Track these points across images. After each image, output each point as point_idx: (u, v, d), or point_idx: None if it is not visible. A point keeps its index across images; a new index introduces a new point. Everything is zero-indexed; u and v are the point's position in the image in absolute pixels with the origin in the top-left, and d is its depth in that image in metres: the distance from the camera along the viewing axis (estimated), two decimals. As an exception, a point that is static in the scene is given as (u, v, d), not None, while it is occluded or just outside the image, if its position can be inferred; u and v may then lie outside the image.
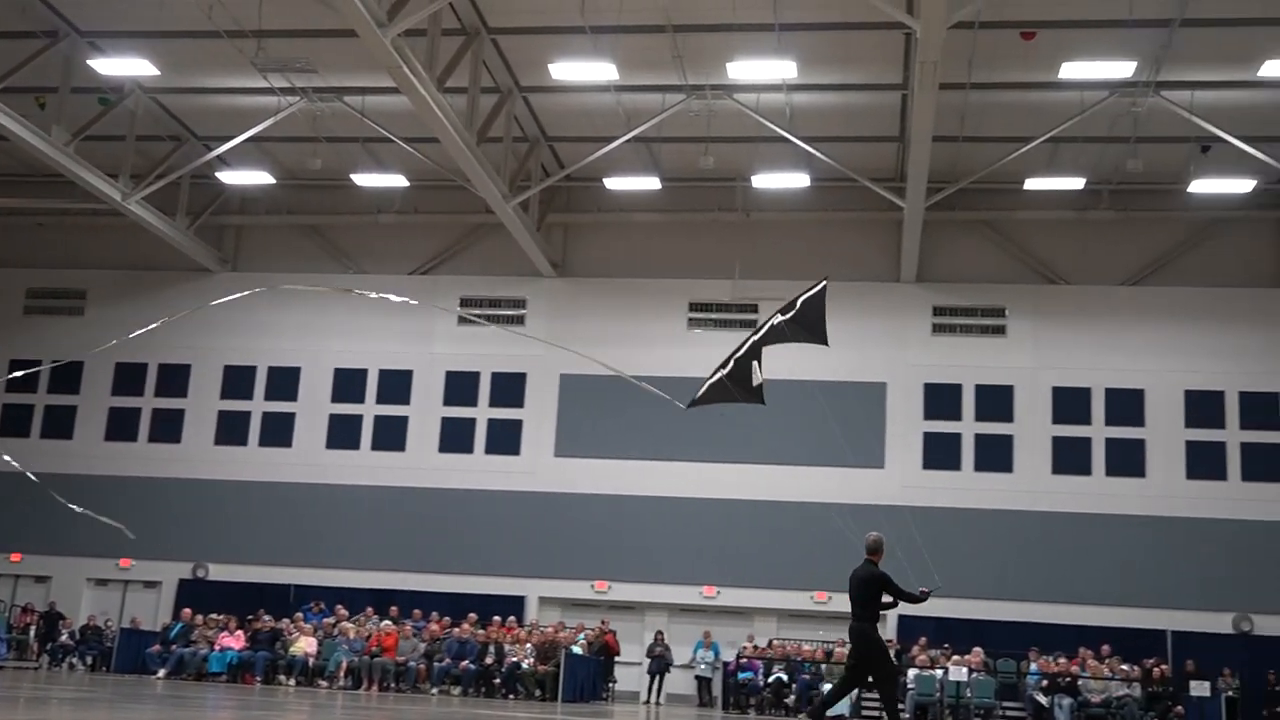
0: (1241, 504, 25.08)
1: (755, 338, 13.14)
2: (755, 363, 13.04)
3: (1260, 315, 25.99)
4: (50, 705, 9.26)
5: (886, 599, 12.62)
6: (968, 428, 26.43)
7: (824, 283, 13.40)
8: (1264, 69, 21.23)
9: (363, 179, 26.86)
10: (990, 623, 24.83)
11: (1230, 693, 22.15)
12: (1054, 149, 24.71)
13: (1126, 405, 26.08)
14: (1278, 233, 26.52)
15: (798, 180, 25.67)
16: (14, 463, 19.01)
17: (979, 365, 26.64)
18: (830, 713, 22.01)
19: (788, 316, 13.16)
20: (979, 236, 27.13)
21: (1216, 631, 24.56)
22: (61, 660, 25.06)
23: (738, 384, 13.00)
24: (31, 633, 25.27)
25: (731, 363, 12.99)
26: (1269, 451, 25.46)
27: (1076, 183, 25.22)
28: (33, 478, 18.14)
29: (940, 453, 26.28)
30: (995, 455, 26.18)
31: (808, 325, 13.30)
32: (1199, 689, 21.84)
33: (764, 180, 25.74)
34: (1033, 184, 25.32)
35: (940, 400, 26.59)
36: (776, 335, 13.18)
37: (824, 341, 13.45)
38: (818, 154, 23.96)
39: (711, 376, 13.08)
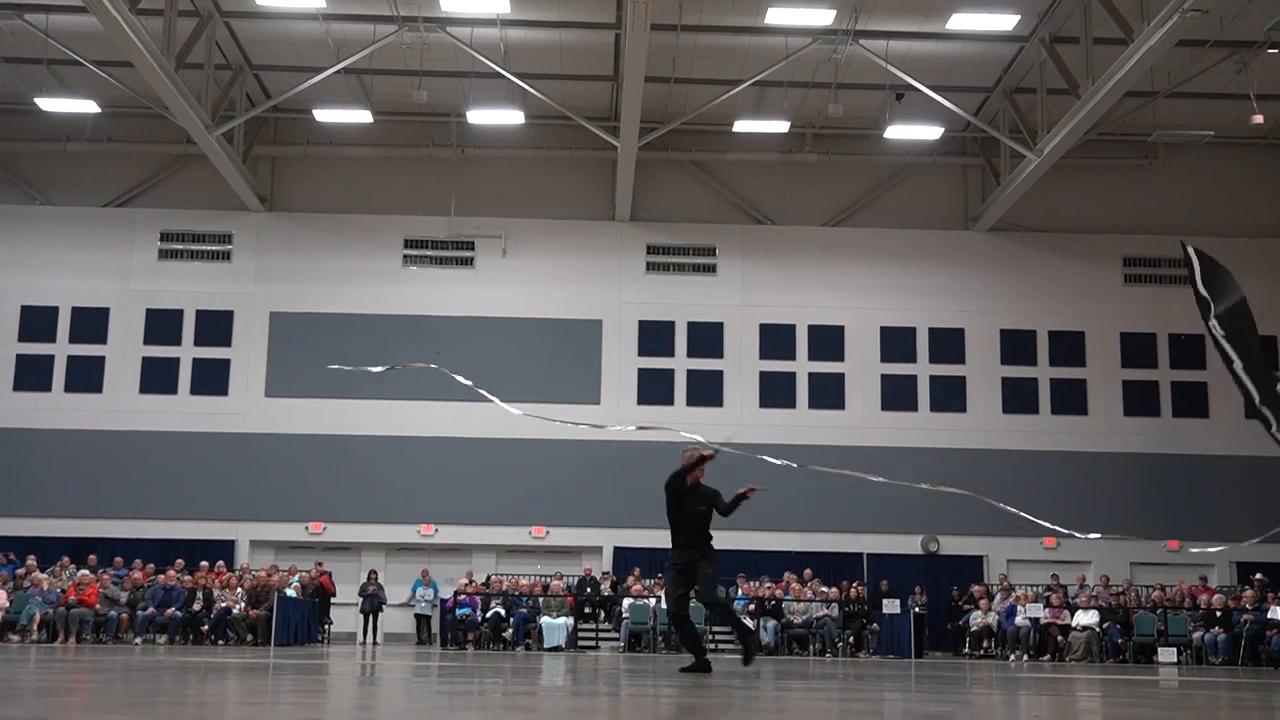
0: (930, 433, 26.79)
1: (1234, 355, 11.32)
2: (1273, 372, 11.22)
3: (947, 256, 27.68)
4: None
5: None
6: (680, 364, 27.16)
7: (1186, 249, 11.50)
8: (952, 22, 22.45)
9: (49, 103, 25.10)
10: (700, 551, 25.72)
11: (918, 609, 23.77)
12: (761, 93, 25.48)
13: (828, 341, 27.36)
14: (962, 178, 28.26)
15: (513, 117, 25.58)
16: None
17: (691, 303, 27.37)
18: (548, 643, 22.55)
19: (1216, 311, 11.35)
20: (690, 177, 27.77)
21: (907, 553, 26.29)
22: None
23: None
24: None
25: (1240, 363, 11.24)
26: (953, 384, 27.27)
27: (781, 126, 26.13)
28: None
29: (654, 388, 26.93)
30: (706, 390, 27.03)
31: (1229, 303, 11.33)
32: (891, 606, 23.36)
33: (479, 116, 25.53)
34: (741, 126, 26.09)
35: (654, 337, 27.21)
36: (1237, 337, 11.23)
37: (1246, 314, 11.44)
38: (533, 91, 23.92)
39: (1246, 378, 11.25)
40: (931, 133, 26.16)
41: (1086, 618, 22.83)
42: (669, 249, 27.62)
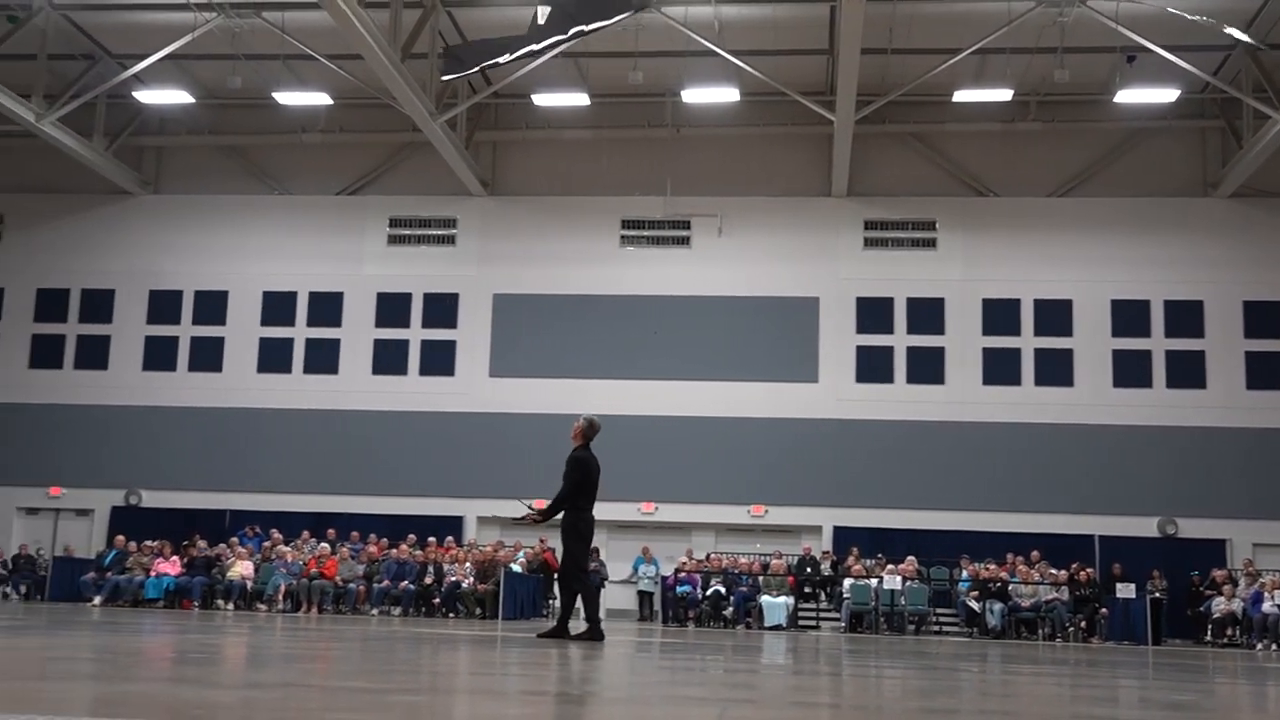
0: (1167, 410, 25.63)
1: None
2: None
3: (1184, 224, 26.37)
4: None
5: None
6: (900, 340, 26.69)
7: None
8: (1189, -23, 21.33)
9: (285, 97, 26.31)
10: (923, 532, 25.32)
11: (1157, 594, 22.76)
12: (982, 60, 24.74)
13: (1055, 315, 26.44)
14: (1200, 142, 26.85)
15: (727, 95, 25.52)
16: None
17: (910, 278, 26.85)
18: (768, 622, 22.50)
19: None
20: (909, 149, 27.20)
21: (1142, 535, 25.21)
22: (-6, 591, 24.81)
23: None
24: (-38, 564, 24.98)
25: None
26: (1192, 359, 25.99)
27: (1004, 94, 25.31)
28: None
29: (873, 366, 26.55)
30: (927, 367, 26.49)
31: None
32: (1125, 591, 22.45)
33: (693, 95, 25.55)
34: (961, 96, 25.39)
35: (872, 313, 26.80)
36: None
37: None
38: (747, 68, 23.80)
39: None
40: (1166, 95, 24.92)
41: (1342, 606, 21.45)
42: (887, 223, 27.13)
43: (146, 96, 26.81)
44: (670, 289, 27.13)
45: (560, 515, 12.28)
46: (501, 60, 15.14)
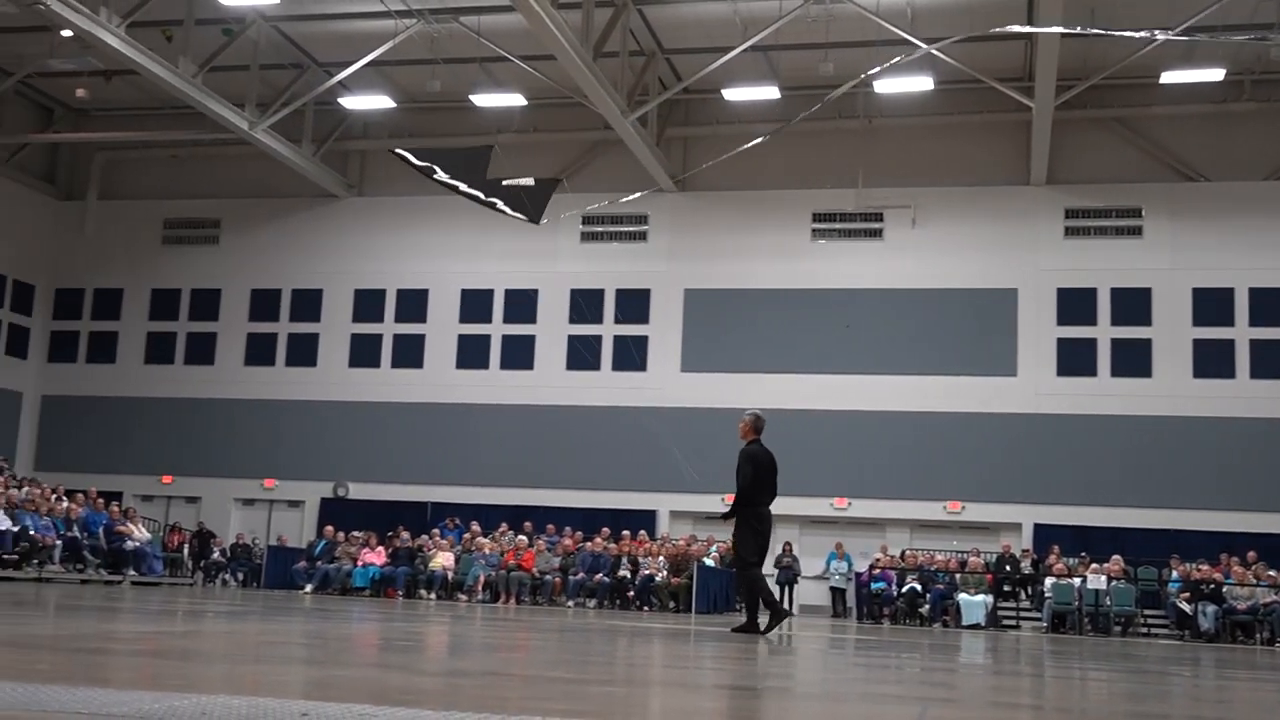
0: (1396, 404, 24.13)
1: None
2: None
3: None
4: (208, 618, 9.68)
5: None
6: (1103, 332, 25.79)
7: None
8: None
9: (481, 99, 26.93)
10: (1129, 530, 24.42)
11: (1387, 597, 21.43)
12: (1190, 40, 23.67)
13: (1272, 305, 25.16)
14: None
15: (921, 84, 25.03)
16: None
17: (1114, 268, 25.91)
18: (966, 620, 22.03)
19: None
20: (1112, 134, 26.24)
21: (1372, 535, 23.80)
22: (214, 577, 26.09)
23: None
24: (185, 551, 26.33)
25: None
26: None
27: (1216, 74, 24.19)
28: None
29: (1075, 359, 25.71)
30: (1133, 360, 25.52)
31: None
32: (1351, 594, 21.21)
33: (886, 85, 25.13)
34: (1169, 77, 24.36)
35: (1074, 305, 25.96)
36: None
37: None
38: (941, 55, 23.29)
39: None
40: (1395, 70, 23.44)
41: None
42: (1089, 211, 26.23)
43: (351, 102, 27.81)
44: (863, 282, 26.77)
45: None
46: (437, 177, 16.55)
